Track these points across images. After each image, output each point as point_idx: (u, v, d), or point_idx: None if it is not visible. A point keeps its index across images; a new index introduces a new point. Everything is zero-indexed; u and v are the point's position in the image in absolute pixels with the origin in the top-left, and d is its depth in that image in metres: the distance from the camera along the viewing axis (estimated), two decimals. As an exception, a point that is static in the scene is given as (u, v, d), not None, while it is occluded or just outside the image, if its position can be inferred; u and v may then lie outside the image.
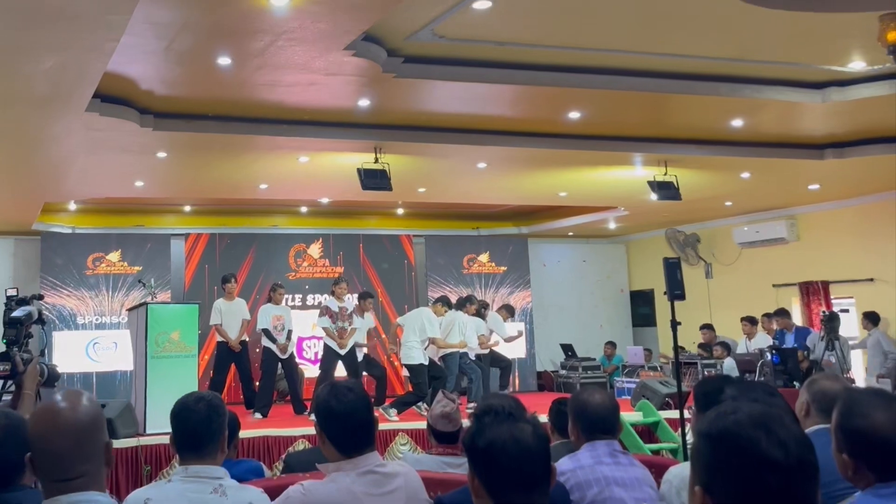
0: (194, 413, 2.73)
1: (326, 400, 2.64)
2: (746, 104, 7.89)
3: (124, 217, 12.78)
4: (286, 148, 8.51)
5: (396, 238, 13.83)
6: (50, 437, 2.04)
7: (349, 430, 2.61)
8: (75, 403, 2.10)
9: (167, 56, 6.06)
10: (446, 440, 3.97)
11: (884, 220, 11.55)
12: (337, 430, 2.61)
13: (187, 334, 8.64)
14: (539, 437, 1.99)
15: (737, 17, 6.06)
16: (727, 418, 1.47)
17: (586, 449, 3.15)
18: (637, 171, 10.08)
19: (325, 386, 2.72)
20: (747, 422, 1.45)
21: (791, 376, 9.37)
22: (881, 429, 1.98)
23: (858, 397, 2.08)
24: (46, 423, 2.07)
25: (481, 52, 6.67)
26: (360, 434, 2.63)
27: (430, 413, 4.05)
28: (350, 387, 2.67)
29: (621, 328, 15.58)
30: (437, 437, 4.01)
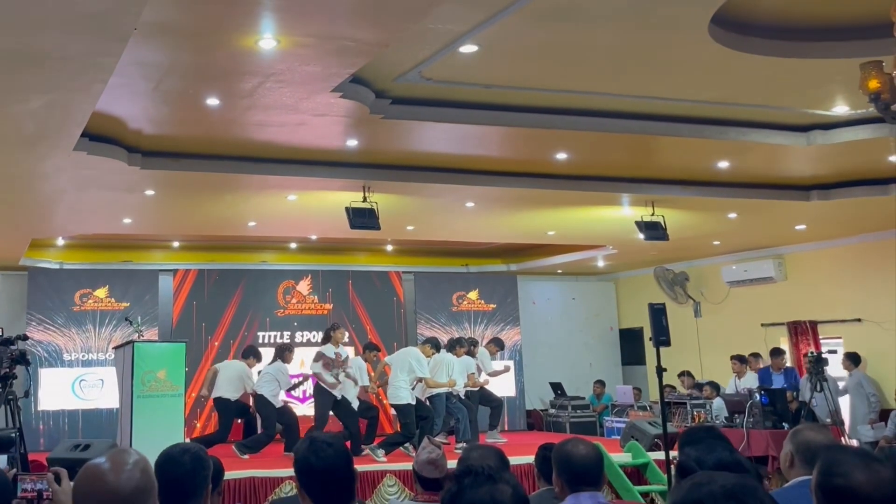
0: (179, 465, 2.70)
1: (305, 456, 2.59)
2: (732, 146, 7.92)
3: (112, 252, 12.74)
4: (275, 186, 8.51)
5: (385, 275, 13.82)
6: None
7: (328, 486, 2.57)
8: (119, 469, 1.97)
9: (155, 96, 6.07)
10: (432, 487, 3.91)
11: (870, 261, 11.60)
12: (315, 486, 2.56)
13: (174, 373, 8.57)
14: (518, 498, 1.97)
15: (722, 63, 6.10)
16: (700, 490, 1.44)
17: (570, 500, 3.12)
18: (625, 211, 10.10)
19: (305, 440, 2.68)
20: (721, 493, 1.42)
21: (780, 417, 9.33)
22: (861, 489, 1.96)
23: (838, 456, 2.06)
24: (87, 491, 1.96)
25: (468, 94, 6.69)
26: (338, 491, 2.58)
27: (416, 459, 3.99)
28: (329, 441, 2.63)
29: (611, 366, 15.52)
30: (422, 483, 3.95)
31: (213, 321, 12.65)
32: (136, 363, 8.43)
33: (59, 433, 11.54)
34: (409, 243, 13.35)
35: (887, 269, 11.27)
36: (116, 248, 12.70)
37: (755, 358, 11.80)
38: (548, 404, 14.03)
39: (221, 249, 13.25)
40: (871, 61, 4.77)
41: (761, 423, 9.24)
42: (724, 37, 5.66)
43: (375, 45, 5.04)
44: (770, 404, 9.37)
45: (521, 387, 14.19)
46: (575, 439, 3.34)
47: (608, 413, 13.36)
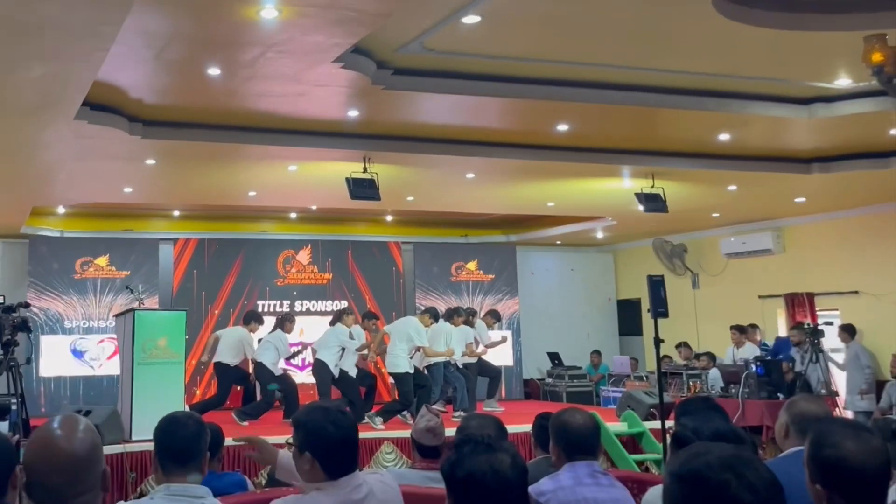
0: (184, 427, 2.77)
1: (322, 425, 2.61)
2: (733, 119, 7.92)
3: (113, 221, 12.73)
4: (275, 157, 8.51)
5: (385, 245, 13.84)
6: (45, 472, 1.97)
7: (343, 454, 2.61)
8: (71, 434, 2.02)
9: (157, 65, 6.05)
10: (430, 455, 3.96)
11: (869, 233, 11.61)
12: (330, 454, 2.59)
13: (174, 341, 8.61)
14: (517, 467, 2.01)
15: (724, 35, 6.08)
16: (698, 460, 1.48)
17: (567, 469, 3.15)
18: (625, 183, 10.11)
19: (318, 409, 2.69)
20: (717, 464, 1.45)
21: (775, 388, 9.40)
22: (852, 458, 2.00)
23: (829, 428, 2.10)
24: (42, 457, 1.99)
25: (470, 64, 6.68)
26: (350, 458, 2.63)
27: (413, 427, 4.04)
28: (342, 411, 2.66)
29: (608, 337, 15.59)
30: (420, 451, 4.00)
31: (213, 290, 12.69)
32: (137, 331, 8.47)
33: (60, 399, 11.63)
34: (408, 214, 13.33)
35: (886, 242, 11.30)
36: (117, 217, 12.69)
37: (753, 329, 11.88)
38: (545, 374, 14.12)
39: (222, 219, 13.24)
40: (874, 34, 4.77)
41: (756, 393, 9.30)
42: (728, 8, 5.62)
43: (377, 16, 5.03)
44: (766, 375, 9.42)
45: (518, 356, 14.25)
46: (572, 409, 3.37)
47: (605, 383, 13.45)
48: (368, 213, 13.09)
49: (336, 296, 13.28)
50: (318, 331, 11.72)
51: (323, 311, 13.07)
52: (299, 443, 2.67)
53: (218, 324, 12.24)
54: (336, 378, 10.06)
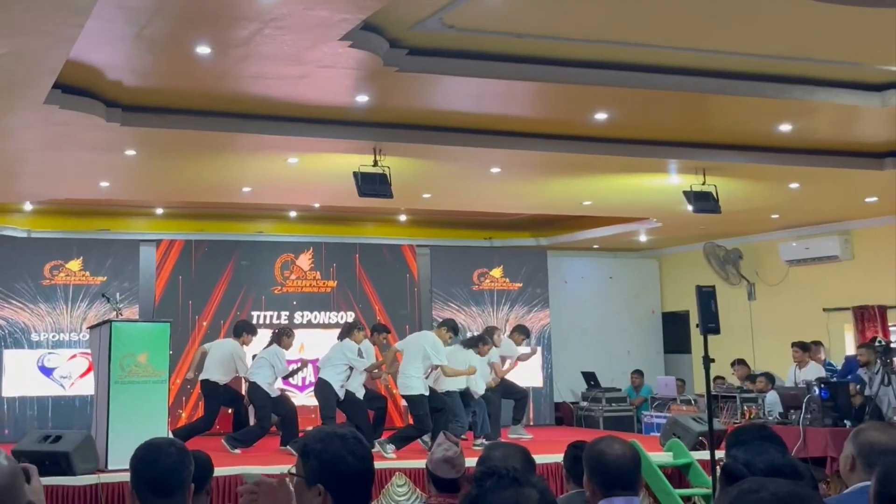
0: (165, 455, 2.80)
1: (341, 455, 2.56)
2: (796, 107, 7.90)
3: (87, 220, 12.79)
4: (273, 148, 8.52)
5: (397, 248, 13.83)
6: None
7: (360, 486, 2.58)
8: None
9: (138, 43, 6.06)
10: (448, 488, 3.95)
11: (951, 239, 11.54)
12: (346, 489, 2.54)
13: (157, 357, 8.62)
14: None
15: (788, 11, 6.06)
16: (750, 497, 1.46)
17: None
18: (671, 179, 10.09)
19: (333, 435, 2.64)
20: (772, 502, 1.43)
21: (841, 414, 9.34)
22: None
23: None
24: None
25: (497, 44, 6.67)
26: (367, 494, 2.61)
27: (429, 457, 4.03)
28: (360, 437, 2.63)
29: (651, 355, 15.55)
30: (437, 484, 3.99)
31: (201, 299, 12.71)
32: (114, 345, 8.46)
33: (26, 422, 11.67)
34: (424, 213, 13.34)
35: (971, 249, 11.23)
36: (92, 215, 12.74)
37: (817, 346, 11.79)
38: (579, 396, 14.10)
39: (211, 218, 13.26)
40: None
41: (820, 420, 9.25)
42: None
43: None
44: (830, 399, 9.37)
45: (549, 376, 14.20)
46: (609, 437, 3.38)
47: (647, 407, 13.43)
48: (379, 212, 13.10)
49: (341, 306, 13.28)
50: (319, 346, 11.73)
51: (326, 324, 13.08)
52: (309, 474, 2.63)
53: (206, 337, 12.25)
54: (341, 400, 10.05)
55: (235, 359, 10.36)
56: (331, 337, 11.08)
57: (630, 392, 14.15)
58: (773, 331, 13.33)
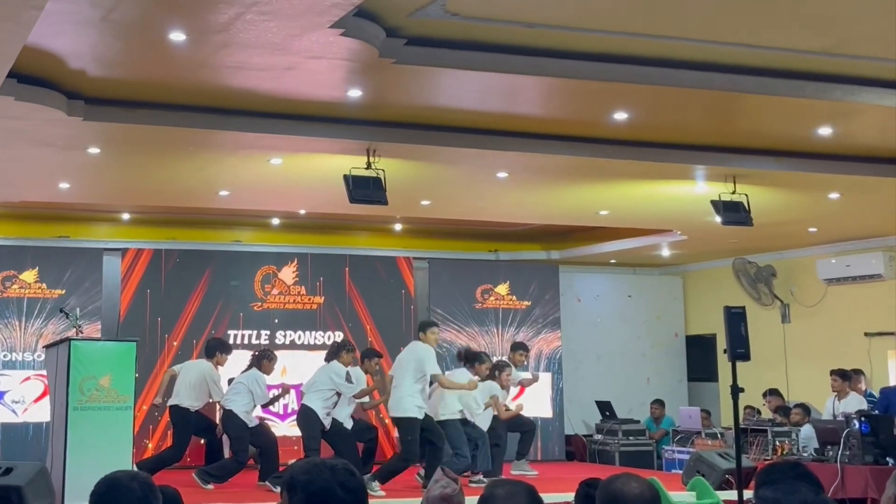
0: (128, 492, 2.80)
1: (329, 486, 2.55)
2: (837, 108, 7.91)
3: (44, 226, 12.77)
4: (254, 147, 8.51)
5: (392, 261, 13.83)
6: None
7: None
8: None
9: (104, 28, 6.04)
10: (445, 531, 3.92)
11: None
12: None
13: (121, 380, 8.63)
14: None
15: (829, 2, 6.06)
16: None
17: (620, 554, 3.11)
18: (698, 188, 10.11)
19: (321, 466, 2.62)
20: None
21: (884, 450, 9.37)
22: None
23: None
24: None
25: (505, 34, 6.65)
26: None
27: (425, 495, 4.01)
28: (350, 469, 2.61)
29: (674, 383, 15.55)
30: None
31: (171, 315, 12.69)
32: (74, 366, 8.48)
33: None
34: (422, 222, 13.36)
35: None
36: (50, 220, 12.73)
37: (857, 375, 11.77)
38: (593, 429, 14.09)
39: (184, 225, 13.26)
40: None
41: (860, 457, 9.30)
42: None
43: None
44: (871, 434, 9.40)
45: (559, 406, 14.22)
46: (626, 474, 3.34)
47: (668, 441, 13.40)
48: (372, 219, 13.11)
49: (329, 325, 13.26)
50: (304, 370, 11.75)
51: (311, 345, 13.06)
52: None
53: (177, 358, 12.24)
54: (326, 430, 10.01)
55: (209, 381, 10.33)
56: (316, 359, 11.08)
57: (649, 424, 14.12)
58: (809, 357, 13.32)
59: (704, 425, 13.15)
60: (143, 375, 11.45)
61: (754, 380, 11.51)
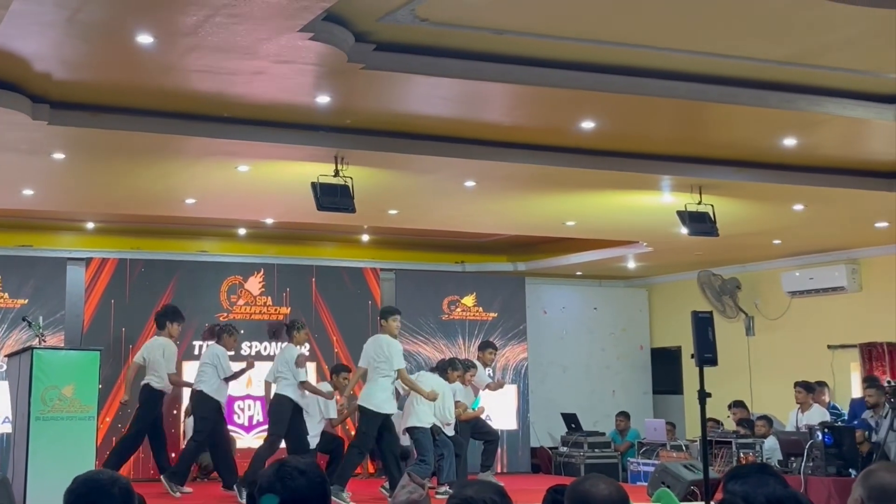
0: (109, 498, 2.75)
1: (271, 483, 2.57)
2: (802, 119, 7.94)
3: (6, 234, 12.65)
4: (222, 153, 8.46)
5: (359, 272, 13.80)
6: None
7: None
8: None
9: (70, 29, 5.97)
10: (412, 535, 3.90)
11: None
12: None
13: (84, 390, 8.58)
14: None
15: (795, 12, 6.10)
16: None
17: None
18: (664, 198, 10.14)
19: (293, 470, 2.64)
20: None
21: (847, 462, 9.41)
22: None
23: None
24: None
25: (474, 40, 6.65)
26: None
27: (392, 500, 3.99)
28: (302, 468, 2.59)
29: (639, 395, 15.59)
30: (401, 530, 3.95)
31: (136, 325, 12.55)
32: (36, 376, 8.41)
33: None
34: (390, 232, 13.32)
35: None
36: (12, 228, 12.60)
37: (821, 387, 11.84)
38: (558, 441, 14.06)
39: (149, 234, 13.17)
40: None
41: (823, 468, 9.36)
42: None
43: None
44: (835, 445, 9.45)
45: (524, 418, 14.21)
46: (594, 476, 3.32)
47: (634, 453, 13.43)
48: (339, 230, 13.07)
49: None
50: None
51: (277, 357, 12.96)
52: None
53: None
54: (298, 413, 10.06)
55: (168, 355, 10.40)
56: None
57: (615, 436, 14.13)
58: (773, 369, 13.39)
59: (669, 437, 13.18)
60: (106, 385, 11.39)
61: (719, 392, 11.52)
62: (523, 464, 14.02)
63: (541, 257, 14.63)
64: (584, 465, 13.04)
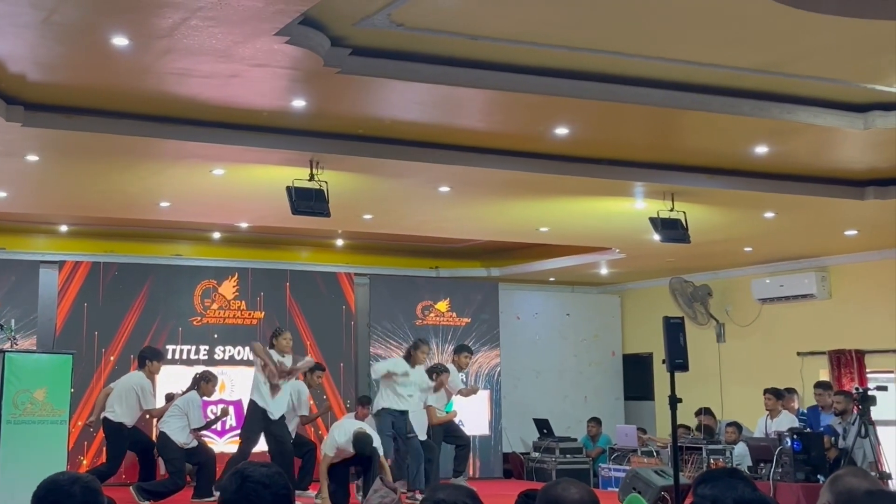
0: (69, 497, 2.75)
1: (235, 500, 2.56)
2: (774, 127, 7.98)
3: (-22, 237, 12.55)
4: (197, 156, 8.43)
5: (333, 276, 13.80)
6: None
7: None
8: None
9: (46, 30, 5.93)
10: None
11: (935, 278, 11.74)
12: None
13: (56, 394, 8.55)
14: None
15: (768, 20, 6.12)
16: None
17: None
18: (637, 205, 10.18)
19: (234, 476, 2.62)
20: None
21: (815, 468, 9.45)
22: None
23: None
24: None
25: (449, 46, 6.65)
26: None
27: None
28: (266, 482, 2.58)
29: (610, 401, 15.62)
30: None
31: (109, 329, 12.50)
32: (7, 379, 8.38)
33: None
34: (364, 237, 13.32)
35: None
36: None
37: (790, 394, 11.89)
38: (530, 447, 14.07)
39: (123, 237, 13.11)
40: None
41: (792, 474, 9.35)
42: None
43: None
44: (803, 451, 9.48)
45: (497, 423, 14.22)
46: (565, 481, 3.30)
47: (605, 459, 13.45)
48: (314, 234, 13.05)
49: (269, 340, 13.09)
50: (243, 386, 11.72)
51: (251, 361, 12.75)
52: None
53: (115, 373, 12.05)
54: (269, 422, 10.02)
55: (137, 391, 10.25)
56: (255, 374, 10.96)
57: (586, 442, 14.16)
58: (743, 376, 13.45)
59: (640, 443, 13.20)
60: (79, 389, 11.29)
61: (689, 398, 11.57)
62: (495, 469, 14.03)
63: (514, 263, 14.65)
64: (556, 471, 13.07)
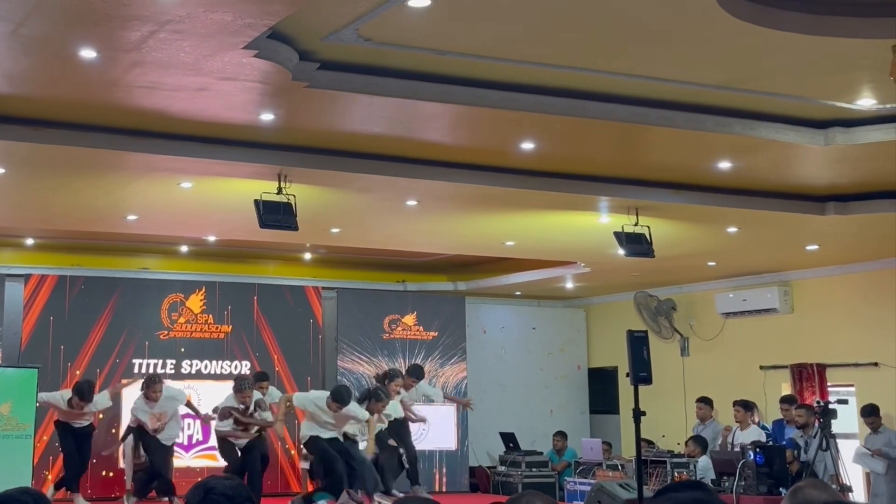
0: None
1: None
2: (736, 143, 8.03)
3: (-57, 251, 12.41)
4: (164, 169, 8.38)
5: (301, 290, 13.75)
6: None
7: None
8: None
9: (13, 42, 5.90)
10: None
11: (894, 292, 11.84)
12: None
13: (22, 408, 8.53)
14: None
15: (730, 38, 6.18)
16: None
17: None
18: (602, 219, 10.21)
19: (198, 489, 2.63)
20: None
21: (777, 481, 9.52)
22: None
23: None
24: None
25: (416, 61, 6.68)
26: None
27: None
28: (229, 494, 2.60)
29: (576, 415, 15.65)
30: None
31: (74, 343, 12.38)
32: (-27, 392, 8.26)
33: None
34: (332, 250, 13.30)
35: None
36: (-50, 245, 12.36)
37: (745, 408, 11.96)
38: (496, 460, 14.05)
39: (90, 251, 13.03)
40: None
41: (755, 487, 9.45)
42: (737, 6, 5.72)
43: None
44: (766, 464, 9.56)
45: (463, 437, 14.18)
46: (530, 493, 3.29)
47: (570, 472, 13.45)
48: (281, 248, 13.00)
49: (236, 354, 13.09)
50: (209, 401, 11.65)
51: (218, 374, 12.87)
52: None
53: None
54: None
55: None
56: (224, 389, 10.94)
57: (552, 456, 14.15)
58: (707, 389, 13.43)
59: (606, 457, 13.23)
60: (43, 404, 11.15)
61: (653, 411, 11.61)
62: (461, 483, 13.96)
63: (481, 277, 14.66)
64: (522, 484, 13.05)
